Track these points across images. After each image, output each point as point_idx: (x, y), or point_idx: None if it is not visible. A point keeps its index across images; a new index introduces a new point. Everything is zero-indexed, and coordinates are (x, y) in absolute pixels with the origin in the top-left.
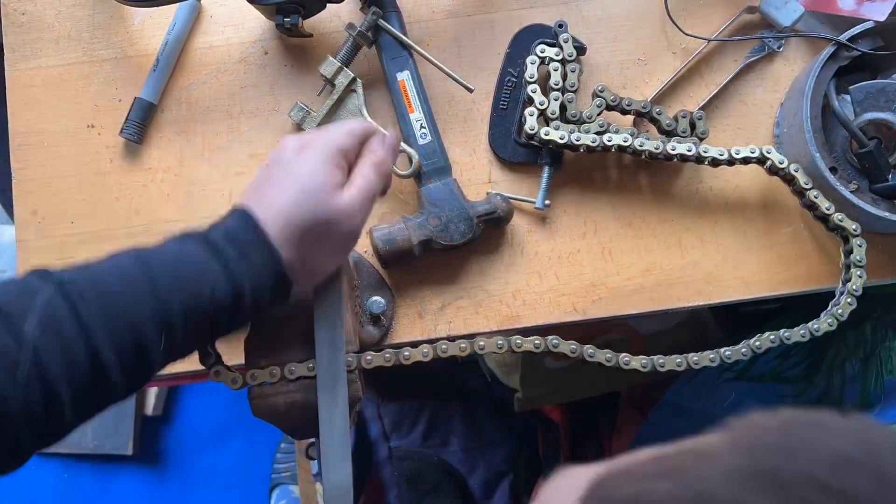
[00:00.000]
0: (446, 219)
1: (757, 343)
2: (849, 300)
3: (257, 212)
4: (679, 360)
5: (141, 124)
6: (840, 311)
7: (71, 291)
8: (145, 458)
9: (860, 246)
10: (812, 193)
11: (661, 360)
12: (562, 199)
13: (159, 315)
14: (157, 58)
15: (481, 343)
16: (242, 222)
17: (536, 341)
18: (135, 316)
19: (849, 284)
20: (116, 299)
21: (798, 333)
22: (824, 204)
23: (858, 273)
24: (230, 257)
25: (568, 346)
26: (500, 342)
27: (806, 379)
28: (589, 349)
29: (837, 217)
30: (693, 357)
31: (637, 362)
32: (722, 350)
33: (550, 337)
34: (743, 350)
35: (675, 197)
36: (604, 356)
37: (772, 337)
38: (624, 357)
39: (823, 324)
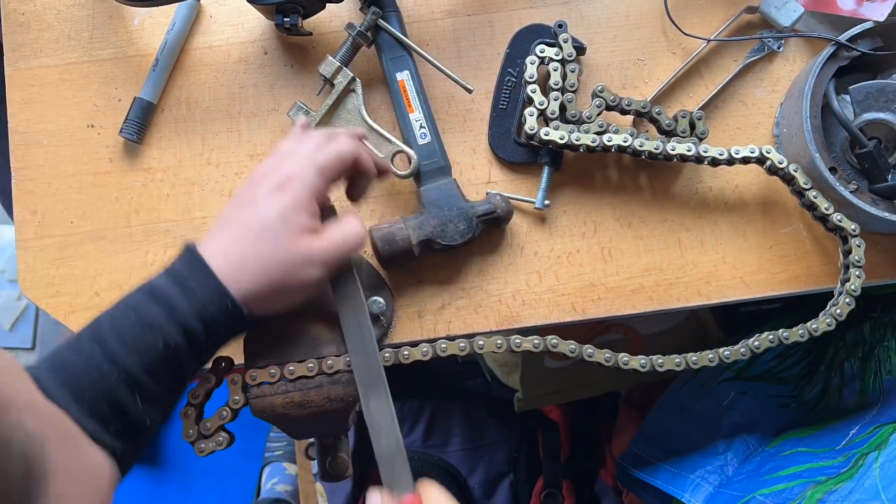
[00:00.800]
0: (446, 219)
1: (756, 343)
2: (847, 300)
3: (211, 247)
4: (678, 360)
5: (140, 124)
6: (839, 311)
7: (39, 378)
8: (145, 457)
9: (859, 246)
10: (811, 193)
11: (659, 360)
12: (561, 199)
13: (124, 378)
14: (156, 58)
15: (480, 342)
16: (188, 259)
17: (535, 341)
18: (102, 387)
19: (847, 285)
20: (80, 376)
21: (797, 334)
22: (823, 204)
23: (857, 273)
24: (174, 298)
25: (567, 346)
26: (499, 342)
27: (804, 378)
28: (588, 349)
29: (836, 217)
30: (692, 357)
31: (636, 362)
32: (721, 350)
33: (549, 337)
34: (742, 350)
35: (675, 197)
36: (603, 356)
37: (770, 337)
38: (623, 357)
39: (822, 324)
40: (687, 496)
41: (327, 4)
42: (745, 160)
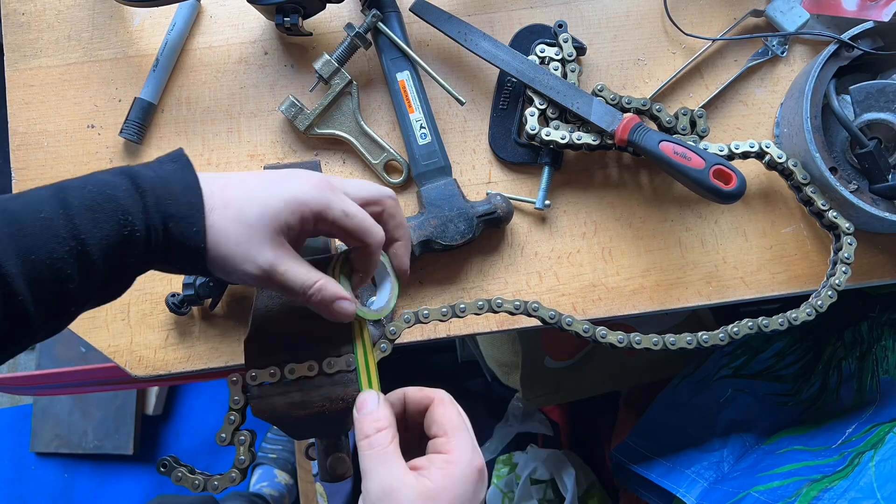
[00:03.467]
0: (446, 219)
1: (735, 329)
2: (829, 293)
3: (211, 176)
4: (689, 338)
5: (141, 124)
6: (820, 302)
7: None
8: (146, 457)
9: (850, 244)
10: (809, 189)
11: (671, 339)
12: (562, 199)
13: (77, 252)
14: (156, 58)
15: (499, 301)
16: (182, 165)
17: (551, 313)
18: (47, 248)
19: (832, 279)
20: (27, 232)
21: (776, 322)
22: (820, 200)
23: (843, 269)
24: (153, 194)
25: (581, 326)
26: (517, 303)
27: (802, 377)
28: (601, 330)
29: (832, 214)
30: (703, 336)
31: (648, 341)
32: (729, 328)
33: (565, 315)
34: (721, 335)
35: (675, 196)
36: (616, 337)
37: (749, 324)
38: (635, 336)
39: (802, 314)
40: (682, 491)
41: (327, 5)
42: (745, 155)
